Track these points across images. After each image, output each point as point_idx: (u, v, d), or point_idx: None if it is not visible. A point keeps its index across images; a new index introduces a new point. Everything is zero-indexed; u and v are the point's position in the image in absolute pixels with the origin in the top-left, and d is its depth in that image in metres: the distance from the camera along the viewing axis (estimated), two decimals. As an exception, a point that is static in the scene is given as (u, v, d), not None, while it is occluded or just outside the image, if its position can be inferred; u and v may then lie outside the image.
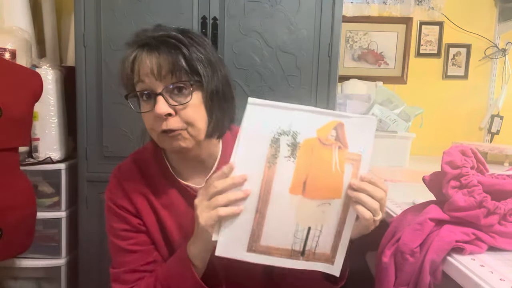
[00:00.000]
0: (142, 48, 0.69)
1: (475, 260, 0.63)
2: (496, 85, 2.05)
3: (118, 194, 0.78)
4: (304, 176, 0.60)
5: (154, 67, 0.66)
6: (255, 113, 0.60)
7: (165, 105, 0.67)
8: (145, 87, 0.68)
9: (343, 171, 0.61)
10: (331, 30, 1.44)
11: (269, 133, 0.59)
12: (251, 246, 0.62)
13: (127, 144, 1.45)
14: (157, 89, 0.67)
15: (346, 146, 0.60)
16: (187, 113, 0.69)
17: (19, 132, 1.28)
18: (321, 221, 0.62)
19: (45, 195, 1.53)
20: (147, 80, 0.68)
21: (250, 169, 0.60)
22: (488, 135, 2.05)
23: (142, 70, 0.68)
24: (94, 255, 1.49)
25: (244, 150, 0.60)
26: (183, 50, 0.67)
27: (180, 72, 0.67)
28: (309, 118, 0.60)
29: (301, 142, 0.60)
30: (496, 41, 2.01)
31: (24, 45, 1.53)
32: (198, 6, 1.41)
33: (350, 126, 0.60)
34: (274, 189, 0.61)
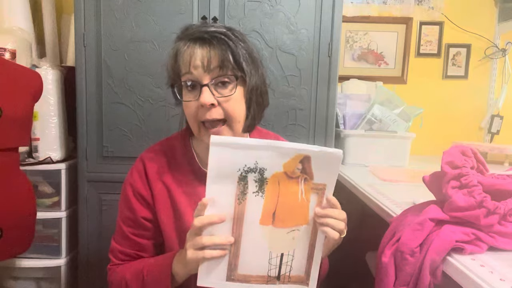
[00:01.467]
0: (195, 41, 0.73)
1: (475, 260, 0.63)
2: (496, 85, 2.05)
3: (138, 180, 0.83)
4: (273, 207, 0.64)
5: (204, 60, 0.72)
6: (220, 153, 0.62)
7: (210, 95, 0.72)
8: (192, 78, 0.73)
9: (309, 200, 0.65)
10: (331, 30, 1.44)
11: (236, 171, 0.62)
12: (229, 276, 0.66)
13: (127, 144, 1.45)
14: (204, 81, 0.72)
15: (312, 178, 0.63)
16: (229, 106, 0.74)
17: (19, 132, 1.28)
18: (293, 247, 0.66)
19: (45, 195, 1.52)
20: (195, 72, 0.72)
21: (221, 208, 0.63)
22: (488, 135, 2.05)
23: (193, 62, 0.72)
24: (94, 255, 1.49)
25: (214, 190, 0.63)
26: (232, 47, 0.73)
27: (227, 67, 0.72)
28: (274, 154, 0.62)
29: (269, 177, 0.63)
30: (496, 41, 2.01)
31: (24, 45, 1.53)
32: (198, 6, 1.41)
33: (317, 159, 0.62)
34: (246, 222, 0.64)
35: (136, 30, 1.41)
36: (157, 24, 1.41)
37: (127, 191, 0.84)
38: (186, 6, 1.40)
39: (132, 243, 0.83)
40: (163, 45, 1.41)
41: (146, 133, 1.44)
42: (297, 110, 1.47)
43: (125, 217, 0.83)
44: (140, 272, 0.78)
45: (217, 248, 0.64)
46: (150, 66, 1.42)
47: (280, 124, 1.46)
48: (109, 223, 1.47)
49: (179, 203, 0.81)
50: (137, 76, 1.43)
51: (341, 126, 1.71)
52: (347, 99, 1.77)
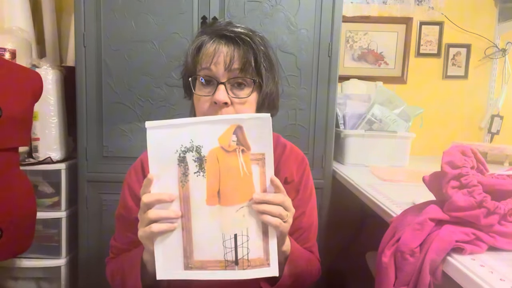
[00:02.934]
0: (221, 38, 0.74)
1: (475, 260, 0.63)
2: (496, 85, 2.05)
3: (134, 180, 0.85)
4: (217, 186, 0.63)
5: (227, 58, 0.72)
6: (156, 137, 0.62)
7: (225, 94, 0.72)
8: (210, 74, 0.73)
9: (251, 172, 0.63)
10: (331, 30, 1.44)
11: (174, 153, 0.62)
12: (187, 264, 0.64)
13: (127, 144, 1.45)
14: (222, 79, 0.73)
15: (249, 148, 0.62)
16: (241, 108, 0.75)
17: (19, 132, 1.28)
18: (245, 225, 0.64)
19: (45, 195, 1.53)
20: (215, 68, 0.73)
21: (165, 191, 0.63)
22: (488, 135, 2.05)
23: (215, 59, 0.72)
24: (94, 255, 1.49)
25: (156, 174, 0.63)
26: (256, 52, 0.74)
27: (247, 70, 0.73)
28: (207, 129, 0.62)
29: (206, 154, 0.62)
30: (496, 41, 2.01)
31: (24, 45, 1.53)
32: (198, 6, 1.41)
33: (248, 127, 0.62)
34: (192, 205, 0.63)
35: (136, 30, 1.41)
36: (157, 24, 1.41)
37: (124, 190, 0.86)
38: (186, 6, 1.40)
39: (125, 239, 0.84)
40: (163, 45, 1.41)
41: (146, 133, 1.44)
42: (297, 110, 1.47)
43: (120, 215, 0.86)
44: (120, 263, 0.81)
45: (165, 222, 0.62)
46: (150, 66, 1.42)
47: (280, 124, 1.46)
48: (109, 223, 1.47)
49: None
50: (137, 76, 1.43)
51: (341, 126, 1.71)
52: (347, 99, 1.77)
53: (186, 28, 1.41)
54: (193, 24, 1.41)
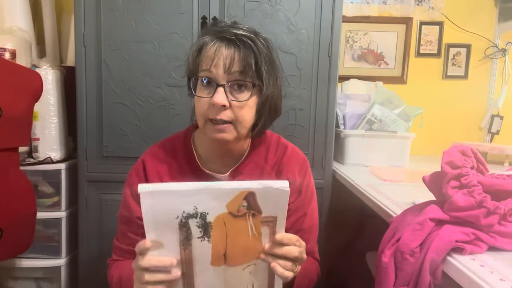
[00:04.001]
0: (222, 40, 0.73)
1: (475, 260, 0.63)
2: (496, 85, 2.05)
3: (136, 181, 0.83)
4: (222, 249, 0.60)
5: (227, 61, 0.72)
6: (151, 203, 0.55)
7: (224, 97, 0.72)
8: (210, 76, 0.73)
9: (260, 233, 0.60)
10: (331, 30, 1.44)
11: (175, 219, 0.56)
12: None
13: (127, 144, 1.45)
14: (221, 81, 0.73)
15: (260, 212, 0.58)
16: (240, 111, 0.74)
17: (19, 132, 1.28)
18: (251, 281, 0.63)
19: (45, 195, 1.52)
20: (215, 70, 0.72)
21: (166, 253, 0.58)
22: (488, 135, 2.05)
23: (215, 61, 0.72)
24: (94, 255, 1.49)
25: (155, 237, 0.58)
26: (256, 54, 0.73)
27: (247, 73, 0.73)
28: (214, 196, 0.56)
29: (212, 220, 0.57)
30: (496, 41, 2.01)
31: (24, 45, 1.53)
32: (198, 6, 1.41)
33: (262, 195, 0.57)
34: (196, 266, 0.60)
35: (136, 30, 1.41)
36: (157, 24, 1.41)
37: (126, 191, 0.85)
38: (186, 6, 1.40)
39: (128, 240, 0.84)
40: (163, 45, 1.41)
41: (146, 133, 1.44)
42: (297, 110, 1.47)
43: (122, 215, 0.85)
44: (119, 274, 0.81)
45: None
46: (150, 66, 1.42)
47: (280, 124, 1.46)
48: (109, 223, 1.47)
49: None
50: (137, 76, 1.43)
51: (341, 126, 1.71)
52: (347, 99, 1.77)
53: (186, 28, 1.41)
54: (193, 24, 1.41)
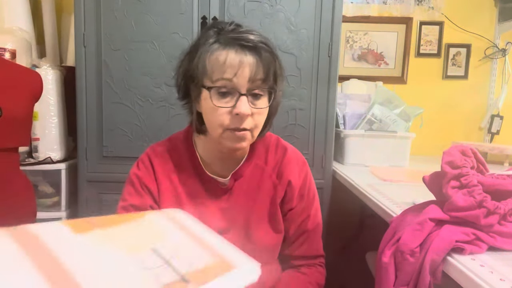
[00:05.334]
0: (242, 48, 0.71)
1: (475, 260, 0.63)
2: (496, 85, 2.05)
3: (145, 172, 0.82)
4: None
5: (253, 69, 0.70)
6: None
7: (248, 106, 0.71)
8: (231, 85, 0.71)
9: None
10: (331, 30, 1.44)
11: None
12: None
13: (127, 144, 1.45)
14: (242, 90, 0.71)
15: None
16: (259, 117, 0.75)
17: (19, 132, 1.28)
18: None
19: (45, 195, 1.53)
20: (236, 80, 0.70)
21: None
22: (488, 135, 2.05)
23: (239, 70, 0.70)
24: (94, 255, 1.49)
25: None
26: (275, 60, 0.74)
27: (268, 80, 0.73)
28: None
29: None
30: (496, 41, 2.01)
31: (24, 45, 1.53)
32: (198, 6, 1.41)
33: None
34: None
35: (136, 30, 1.41)
36: (157, 24, 1.41)
37: (134, 180, 0.82)
38: (186, 6, 1.40)
39: None
40: (163, 45, 1.41)
41: (146, 133, 1.45)
42: (297, 110, 1.47)
43: (130, 205, 0.80)
44: None
45: None
46: (150, 66, 1.42)
47: (280, 124, 1.46)
48: (109, 223, 1.47)
49: (183, 204, 0.81)
50: (137, 76, 1.43)
51: (341, 126, 1.71)
52: (347, 99, 1.77)
53: (186, 28, 1.41)
54: (193, 24, 1.41)
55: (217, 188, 0.83)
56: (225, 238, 0.87)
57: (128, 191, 0.82)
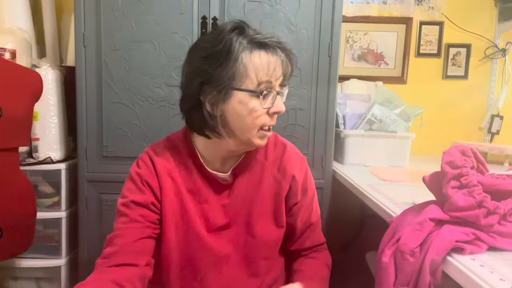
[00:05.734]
0: (274, 49, 0.76)
1: (475, 260, 0.63)
2: (496, 85, 2.05)
3: (146, 171, 0.82)
4: None
5: (287, 71, 0.78)
6: None
7: (283, 104, 0.79)
8: (270, 86, 0.76)
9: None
10: (331, 30, 1.43)
11: None
12: None
13: (127, 144, 1.45)
14: (277, 89, 0.78)
15: None
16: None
17: (19, 132, 1.28)
18: None
19: (45, 195, 1.53)
20: (274, 81, 0.76)
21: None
22: (488, 135, 2.05)
23: (276, 71, 0.75)
24: (94, 255, 1.49)
25: None
26: (292, 59, 0.79)
27: (289, 78, 0.80)
28: None
29: None
30: (496, 41, 2.01)
31: (24, 45, 1.53)
32: (198, 6, 1.41)
33: None
34: None
35: (136, 30, 1.41)
36: (157, 24, 1.41)
37: (135, 178, 0.82)
38: (186, 6, 1.40)
39: (135, 225, 0.79)
40: (163, 45, 1.41)
41: (146, 133, 1.44)
42: (297, 110, 1.47)
43: (131, 201, 0.80)
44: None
45: None
46: (150, 66, 1.42)
47: (280, 124, 1.46)
48: (109, 223, 1.47)
49: (185, 200, 0.82)
50: (137, 76, 1.43)
51: (341, 126, 1.71)
52: (347, 99, 1.77)
53: (186, 28, 1.41)
54: (193, 24, 1.41)
55: (218, 184, 0.84)
56: (226, 233, 0.88)
57: (128, 187, 0.82)
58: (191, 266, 0.83)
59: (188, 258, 0.83)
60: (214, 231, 0.83)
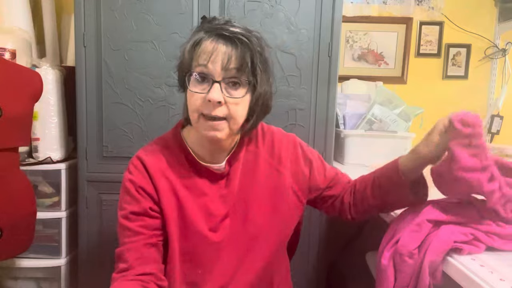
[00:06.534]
0: (219, 37, 0.74)
1: (475, 260, 0.63)
2: (496, 85, 2.05)
3: (139, 176, 0.81)
4: None
5: (225, 58, 0.72)
6: None
7: (220, 93, 0.73)
8: (206, 71, 0.74)
9: None
10: (331, 30, 1.43)
11: None
12: None
13: (127, 144, 1.45)
14: (217, 77, 0.73)
15: None
16: (234, 107, 0.75)
17: (19, 132, 1.28)
18: None
19: (45, 195, 1.53)
20: (211, 66, 0.73)
21: None
22: (488, 135, 2.05)
23: (213, 57, 0.73)
24: (94, 255, 1.49)
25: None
26: (253, 52, 0.74)
27: (244, 70, 0.74)
28: None
29: None
30: (496, 41, 2.01)
31: (24, 45, 1.53)
32: (198, 6, 1.41)
33: None
34: None
35: (136, 30, 1.41)
36: (157, 24, 1.41)
37: (129, 187, 0.81)
38: (186, 6, 1.40)
39: (139, 237, 0.78)
40: (163, 45, 1.41)
41: (146, 133, 1.44)
42: (297, 110, 1.47)
43: (130, 213, 0.79)
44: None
45: None
46: (150, 66, 1.42)
47: (280, 124, 1.45)
48: (109, 223, 1.47)
49: (182, 197, 0.82)
50: (137, 76, 1.43)
51: (341, 126, 1.71)
52: (347, 99, 1.77)
53: (186, 28, 1.41)
54: (193, 24, 1.41)
55: (213, 174, 0.84)
56: (226, 223, 0.87)
57: (124, 200, 0.82)
58: (192, 260, 0.83)
59: (189, 252, 0.83)
60: (214, 223, 0.83)
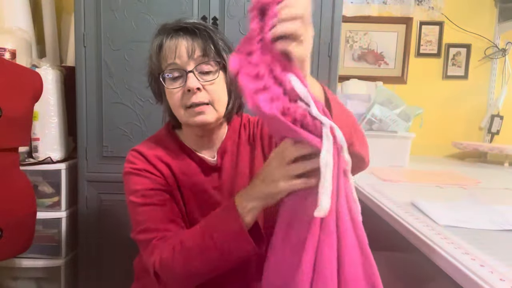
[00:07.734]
0: (177, 32, 0.78)
1: (475, 260, 0.63)
2: (496, 85, 2.05)
3: (140, 162, 0.82)
4: None
5: (189, 48, 0.76)
6: None
7: (196, 80, 0.76)
8: (177, 67, 0.77)
9: None
10: (331, 30, 1.43)
11: None
12: None
13: (127, 144, 1.45)
14: (188, 68, 0.76)
15: None
16: (213, 89, 0.78)
17: (19, 132, 1.28)
18: None
19: (45, 195, 1.53)
20: (179, 60, 0.76)
21: None
22: (488, 135, 2.05)
23: (178, 52, 0.76)
24: (94, 255, 1.49)
25: None
26: (212, 36, 0.78)
27: (209, 55, 0.77)
28: None
29: None
30: (496, 41, 2.01)
31: (24, 45, 1.53)
32: (198, 6, 1.41)
33: None
34: None
35: (136, 30, 1.41)
36: (157, 24, 1.40)
37: (134, 172, 0.80)
38: (186, 6, 1.40)
39: (163, 209, 0.77)
40: (163, 45, 1.41)
41: (146, 133, 1.44)
42: (297, 110, 1.46)
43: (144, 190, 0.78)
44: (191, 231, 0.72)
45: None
46: (150, 66, 1.42)
47: (280, 124, 1.46)
48: (109, 223, 1.47)
49: (182, 185, 0.83)
50: (137, 76, 1.43)
51: (341, 126, 1.70)
52: (347, 99, 1.77)
53: (186, 28, 1.41)
54: (193, 24, 1.41)
55: (207, 166, 0.85)
56: None
57: (134, 181, 0.80)
58: None
59: None
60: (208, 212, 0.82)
